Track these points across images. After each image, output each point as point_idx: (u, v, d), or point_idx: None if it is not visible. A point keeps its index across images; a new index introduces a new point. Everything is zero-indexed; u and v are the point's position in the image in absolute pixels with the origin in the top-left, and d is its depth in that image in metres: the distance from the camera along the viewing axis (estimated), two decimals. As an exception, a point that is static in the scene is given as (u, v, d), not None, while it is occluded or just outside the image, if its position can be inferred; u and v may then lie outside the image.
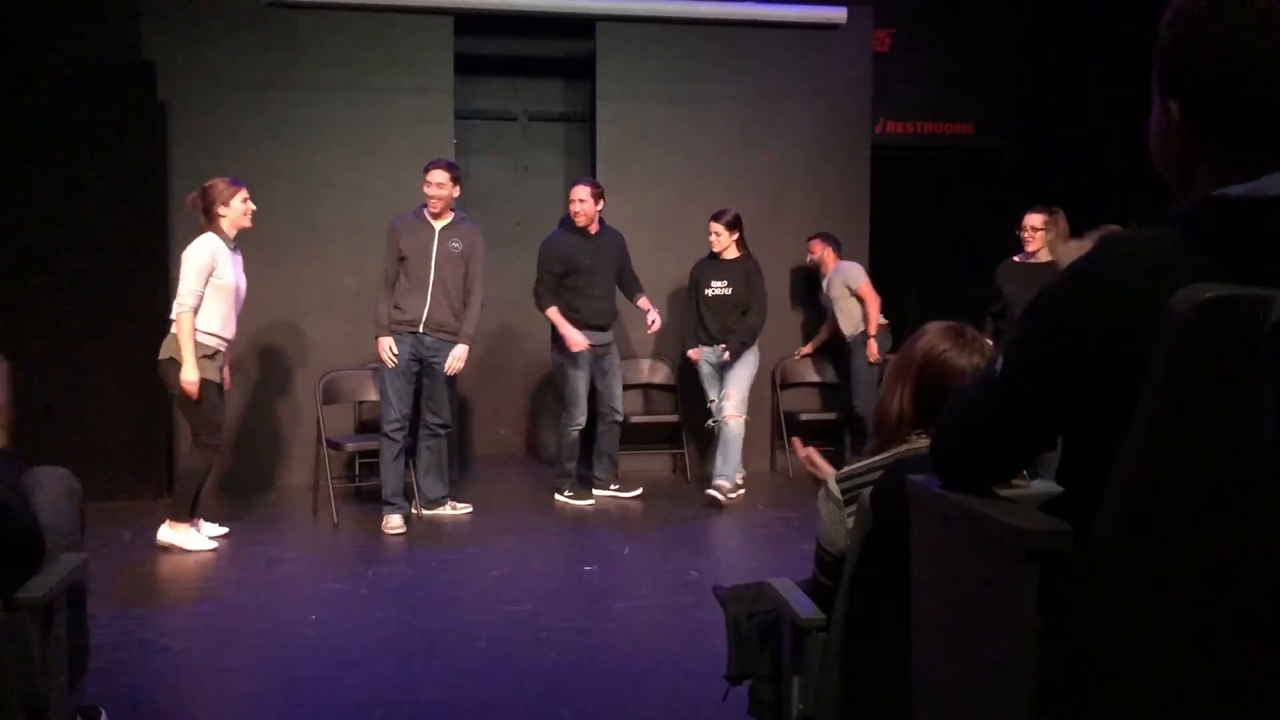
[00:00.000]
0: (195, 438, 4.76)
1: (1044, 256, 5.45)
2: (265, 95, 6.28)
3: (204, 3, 6.18)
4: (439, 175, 5.29)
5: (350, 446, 5.65)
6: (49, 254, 5.69)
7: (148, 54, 6.04)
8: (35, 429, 5.64)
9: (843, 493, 1.96)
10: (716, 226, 5.89)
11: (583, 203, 5.64)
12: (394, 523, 5.18)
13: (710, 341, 5.99)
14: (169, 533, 4.77)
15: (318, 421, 5.61)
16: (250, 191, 6.18)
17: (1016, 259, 5.60)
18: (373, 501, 5.92)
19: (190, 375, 4.52)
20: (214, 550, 4.78)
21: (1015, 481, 1.70)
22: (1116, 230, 4.16)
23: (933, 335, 2.01)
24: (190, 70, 6.14)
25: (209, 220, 4.74)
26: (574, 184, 5.83)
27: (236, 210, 4.76)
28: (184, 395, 4.56)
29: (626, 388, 6.21)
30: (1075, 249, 4.73)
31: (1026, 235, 5.53)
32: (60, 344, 5.71)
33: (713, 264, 5.98)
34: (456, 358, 5.27)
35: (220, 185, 4.76)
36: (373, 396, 5.88)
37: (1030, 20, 7.81)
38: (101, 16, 6.40)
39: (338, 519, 5.34)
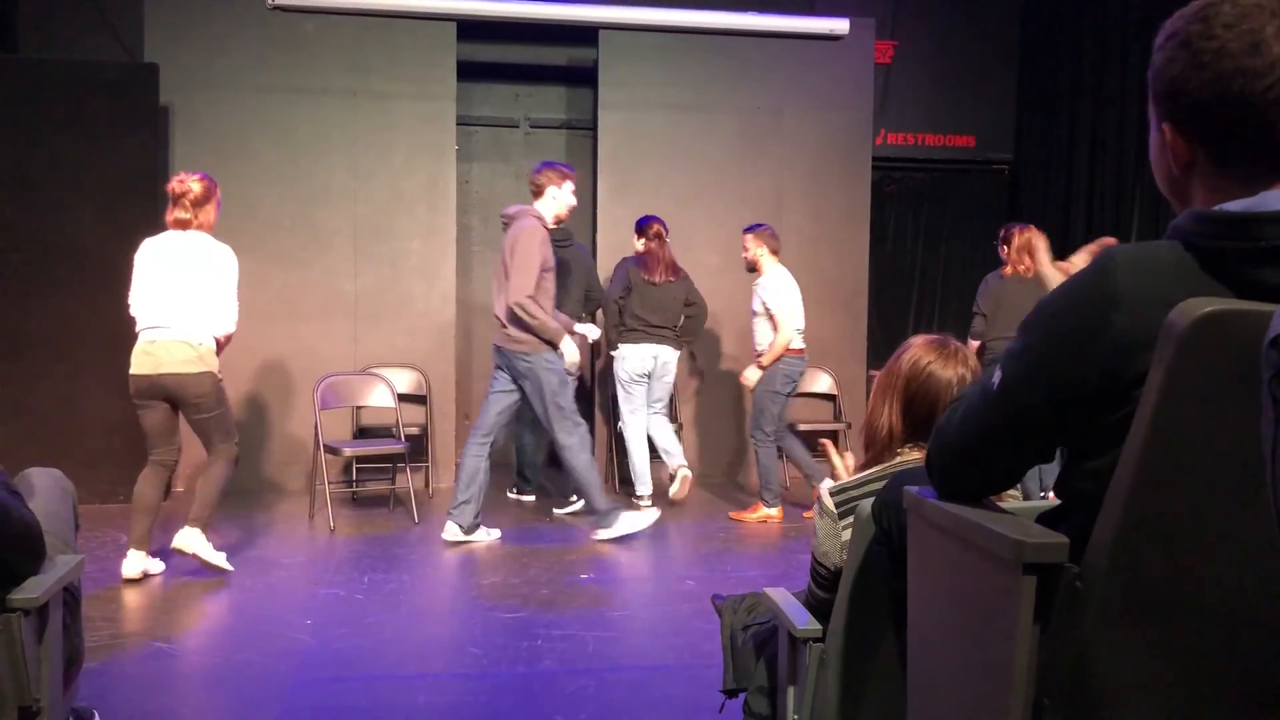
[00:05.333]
0: (228, 444, 4.43)
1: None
2: (268, 99, 6.29)
3: (207, 6, 6.20)
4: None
5: (348, 451, 5.64)
6: (49, 255, 5.69)
7: (151, 57, 6.05)
8: (32, 430, 5.65)
9: (837, 506, 1.96)
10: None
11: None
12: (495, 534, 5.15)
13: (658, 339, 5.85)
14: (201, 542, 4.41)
15: (315, 426, 5.61)
16: (250, 195, 6.20)
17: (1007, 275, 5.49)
18: (369, 507, 5.92)
19: None
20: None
21: (1009, 494, 1.70)
22: (1111, 241, 4.15)
23: (917, 349, 2.02)
24: (193, 73, 6.15)
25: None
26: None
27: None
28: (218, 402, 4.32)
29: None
30: (1059, 270, 4.36)
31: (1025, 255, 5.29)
32: (58, 346, 5.71)
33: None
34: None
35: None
36: (372, 401, 5.88)
37: (1032, 34, 7.84)
38: (105, 19, 6.42)
39: (334, 524, 5.33)
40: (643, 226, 5.97)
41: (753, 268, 5.67)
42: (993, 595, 1.21)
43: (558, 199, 5.09)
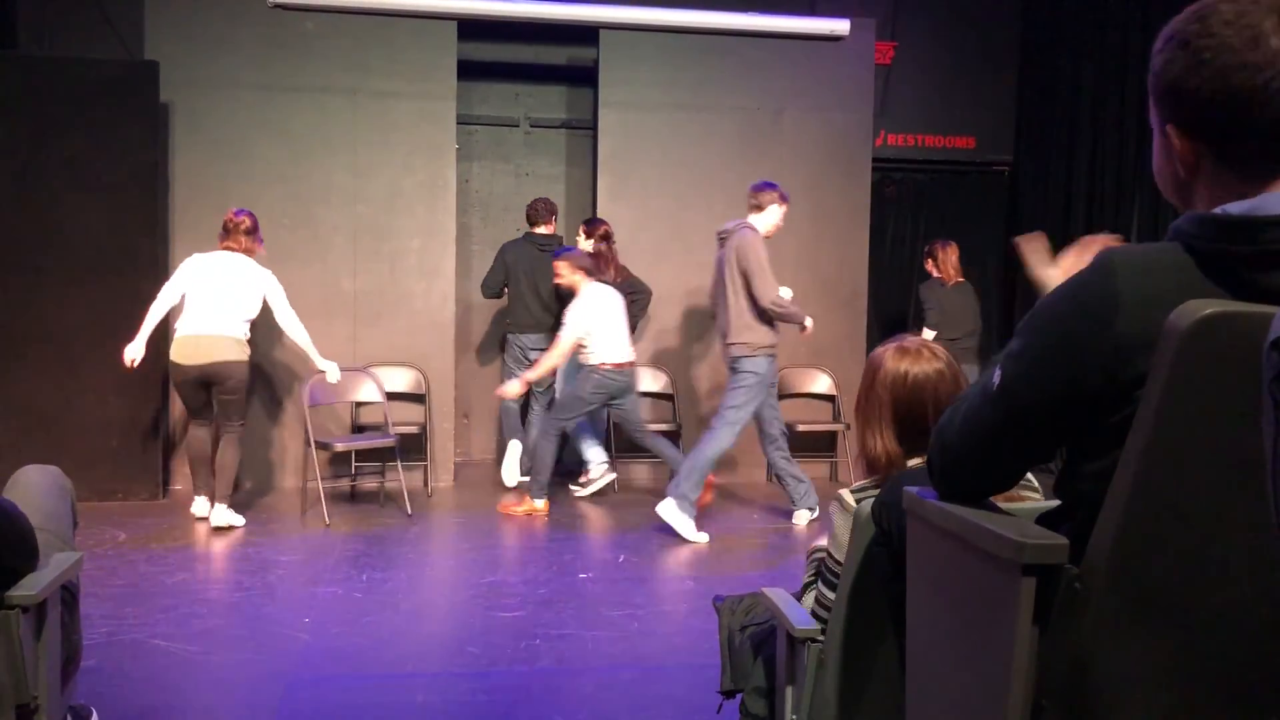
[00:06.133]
0: (239, 425, 5.32)
1: None
2: (268, 98, 6.28)
3: (208, 4, 6.19)
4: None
5: (339, 446, 5.63)
6: (48, 253, 5.69)
7: (151, 54, 6.04)
8: (30, 428, 5.64)
9: (858, 504, 1.95)
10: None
11: None
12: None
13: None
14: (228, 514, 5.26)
15: (305, 422, 5.60)
16: (250, 194, 6.21)
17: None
18: (367, 504, 5.91)
19: None
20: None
21: (1024, 493, 1.70)
22: (1109, 238, 4.17)
23: (888, 361, 1.97)
24: (194, 72, 6.14)
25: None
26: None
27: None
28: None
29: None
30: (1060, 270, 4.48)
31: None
32: (58, 344, 5.70)
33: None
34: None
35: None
36: (368, 398, 5.89)
37: (1032, 35, 7.83)
38: (105, 16, 6.41)
39: (331, 522, 5.33)
40: (592, 226, 6.13)
41: (570, 291, 5.73)
42: (992, 596, 1.20)
43: (775, 216, 5.33)
